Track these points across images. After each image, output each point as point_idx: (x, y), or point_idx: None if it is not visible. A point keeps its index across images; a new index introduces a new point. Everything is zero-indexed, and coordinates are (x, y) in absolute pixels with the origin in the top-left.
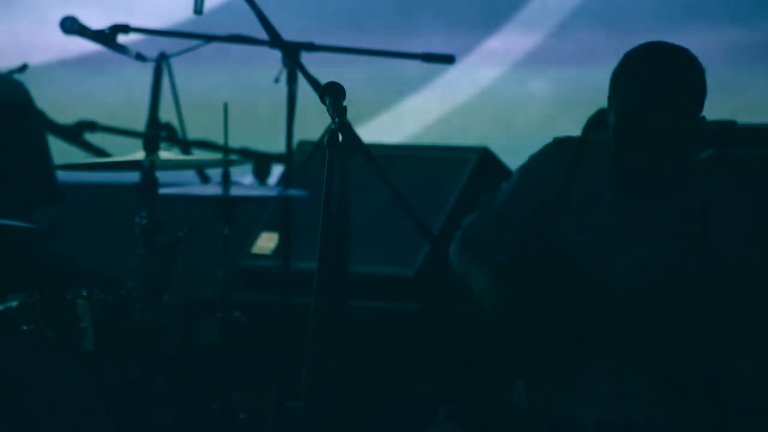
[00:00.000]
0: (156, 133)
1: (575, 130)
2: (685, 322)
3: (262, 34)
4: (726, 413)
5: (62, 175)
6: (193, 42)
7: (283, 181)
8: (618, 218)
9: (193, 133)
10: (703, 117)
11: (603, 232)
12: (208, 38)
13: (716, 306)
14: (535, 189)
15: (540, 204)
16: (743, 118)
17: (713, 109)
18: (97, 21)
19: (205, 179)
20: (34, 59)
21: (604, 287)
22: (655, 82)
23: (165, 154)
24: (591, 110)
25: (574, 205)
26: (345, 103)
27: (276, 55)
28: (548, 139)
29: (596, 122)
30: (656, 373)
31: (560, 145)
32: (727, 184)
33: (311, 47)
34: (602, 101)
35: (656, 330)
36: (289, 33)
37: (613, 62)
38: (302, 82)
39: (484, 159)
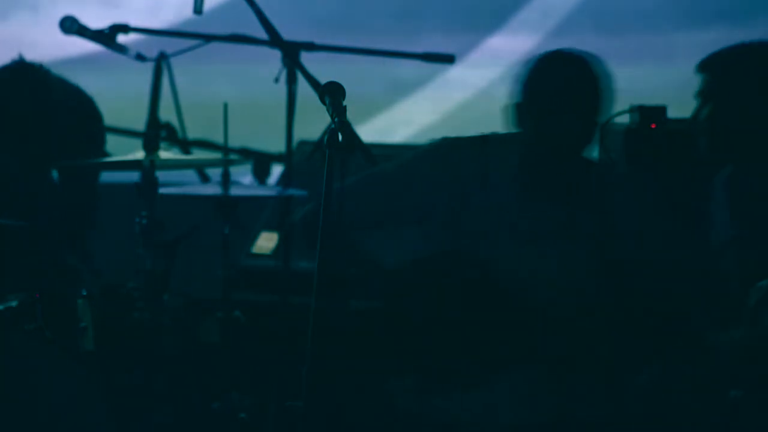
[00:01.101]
0: (156, 132)
1: None
2: (591, 324)
3: (262, 34)
4: (623, 414)
5: None
6: (193, 42)
7: (283, 181)
8: (526, 219)
9: (193, 133)
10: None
11: (512, 233)
12: (208, 38)
13: (619, 308)
14: (430, 188)
15: (439, 203)
16: None
17: None
18: (97, 21)
19: (205, 179)
20: (34, 59)
21: (513, 288)
22: (568, 89)
23: (165, 154)
24: None
25: (480, 205)
26: (345, 102)
27: (276, 54)
28: None
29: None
30: (560, 374)
31: (453, 145)
32: (626, 186)
33: (311, 47)
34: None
35: (563, 331)
36: (288, 33)
37: (613, 63)
38: (302, 82)
39: None
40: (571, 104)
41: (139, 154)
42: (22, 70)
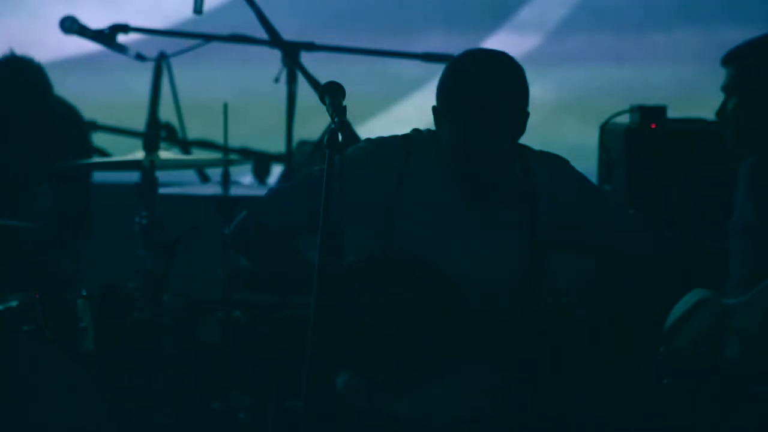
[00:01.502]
0: (156, 132)
1: (575, 129)
2: (526, 316)
3: (262, 34)
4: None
5: None
6: (193, 42)
7: (283, 180)
8: (459, 218)
9: (193, 133)
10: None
11: (445, 233)
12: (208, 38)
13: (551, 308)
14: (356, 189)
15: (366, 203)
16: None
17: (711, 109)
18: (97, 21)
19: (205, 179)
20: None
21: (445, 285)
22: (491, 94)
23: (165, 154)
24: (590, 110)
25: (410, 206)
26: (345, 102)
27: (276, 54)
28: (548, 140)
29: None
30: (503, 366)
31: (376, 146)
32: (549, 183)
33: (311, 47)
34: (602, 101)
35: (503, 328)
36: (288, 33)
37: (613, 62)
38: (302, 82)
39: None
40: (475, 109)
41: (139, 154)
42: (18, 63)
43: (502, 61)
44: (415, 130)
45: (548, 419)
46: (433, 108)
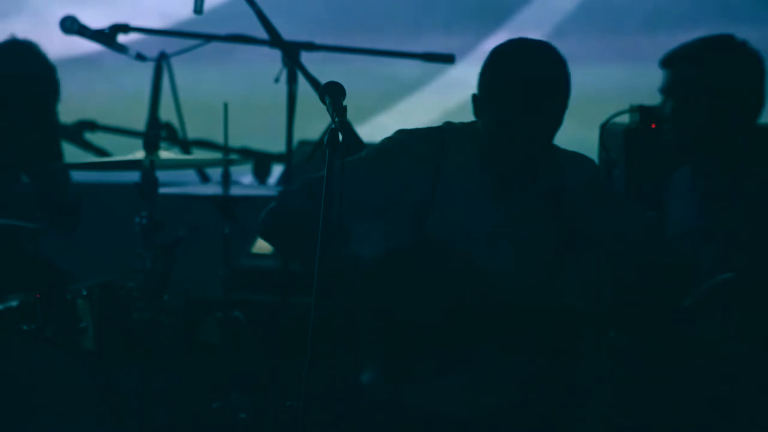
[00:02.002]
0: (156, 132)
1: (575, 128)
2: (549, 310)
3: (262, 34)
4: (580, 402)
5: None
6: (193, 42)
7: (283, 180)
8: (490, 213)
9: (193, 133)
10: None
11: (476, 226)
12: (208, 38)
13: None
14: (390, 180)
15: (400, 195)
16: None
17: None
18: (97, 21)
19: (205, 179)
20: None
21: (474, 276)
22: (535, 77)
23: (165, 154)
24: (590, 109)
25: (443, 199)
26: (345, 102)
27: (276, 54)
28: None
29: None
30: (523, 363)
31: (412, 137)
32: (576, 182)
33: (311, 47)
34: (602, 100)
35: (524, 318)
36: (289, 33)
37: (613, 62)
38: (302, 82)
39: None
40: (517, 93)
41: (139, 154)
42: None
43: (545, 49)
44: (448, 123)
45: (565, 414)
46: (473, 96)
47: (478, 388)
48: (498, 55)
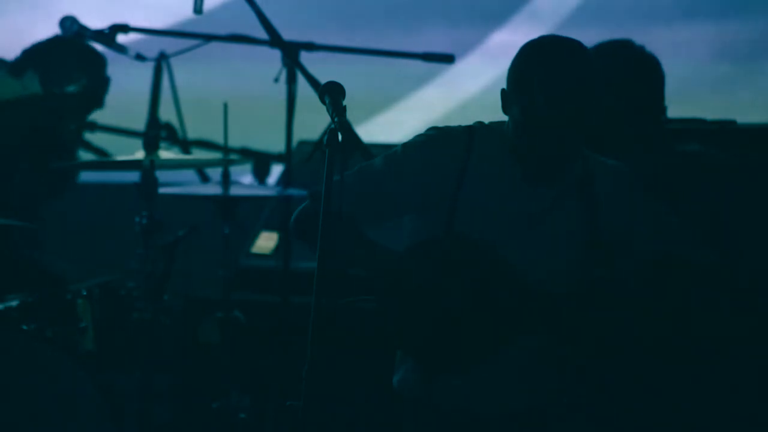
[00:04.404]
0: (156, 132)
1: None
2: (580, 303)
3: (262, 34)
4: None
5: None
6: (193, 42)
7: (283, 180)
8: (519, 206)
9: (193, 133)
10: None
11: (506, 220)
12: (208, 38)
13: (604, 290)
14: (420, 176)
15: (430, 191)
16: (739, 116)
17: (709, 107)
18: (97, 21)
19: (205, 179)
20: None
21: (505, 268)
22: (567, 74)
23: (165, 154)
24: None
25: (472, 194)
26: (345, 102)
27: (276, 54)
28: None
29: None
30: (557, 360)
31: (442, 133)
32: (612, 175)
33: (311, 47)
34: None
35: (554, 311)
36: (288, 33)
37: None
38: (302, 82)
39: None
40: (552, 94)
41: (139, 154)
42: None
43: (574, 45)
44: (479, 122)
45: (600, 411)
46: (502, 91)
47: (511, 383)
48: (531, 49)
